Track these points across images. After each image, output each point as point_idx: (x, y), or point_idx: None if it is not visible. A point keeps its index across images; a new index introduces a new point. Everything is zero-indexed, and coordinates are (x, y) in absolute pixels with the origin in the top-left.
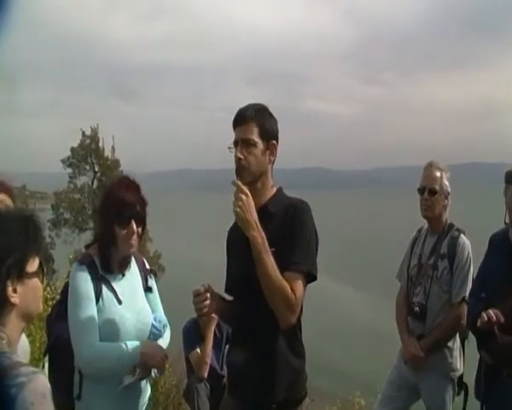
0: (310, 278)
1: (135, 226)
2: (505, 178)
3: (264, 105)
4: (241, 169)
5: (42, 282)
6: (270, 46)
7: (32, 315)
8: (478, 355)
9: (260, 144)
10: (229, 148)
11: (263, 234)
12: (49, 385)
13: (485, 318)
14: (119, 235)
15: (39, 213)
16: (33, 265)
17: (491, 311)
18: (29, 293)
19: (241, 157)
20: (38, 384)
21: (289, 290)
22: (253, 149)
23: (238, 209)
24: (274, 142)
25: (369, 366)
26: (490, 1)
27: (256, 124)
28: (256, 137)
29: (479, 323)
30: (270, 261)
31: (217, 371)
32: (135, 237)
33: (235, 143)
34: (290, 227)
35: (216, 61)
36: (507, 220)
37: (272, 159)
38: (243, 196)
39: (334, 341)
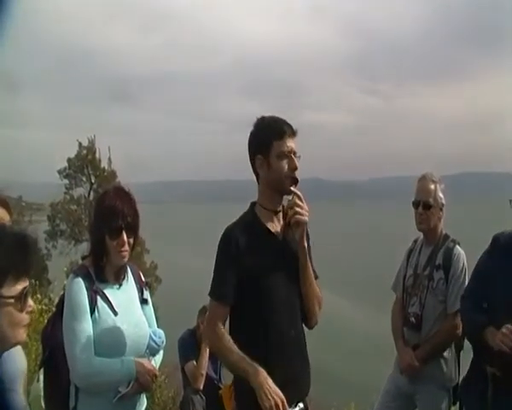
0: None
1: (125, 237)
2: None
3: None
4: (297, 181)
5: (22, 309)
6: (270, 57)
7: (9, 343)
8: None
9: None
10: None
11: None
12: None
13: (506, 344)
14: (110, 245)
15: (35, 225)
16: (11, 289)
17: (506, 331)
18: (2, 319)
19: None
20: None
21: (319, 292)
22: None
23: (306, 218)
24: None
25: (366, 375)
26: (487, 14)
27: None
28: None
29: (496, 346)
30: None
31: (214, 381)
32: (126, 247)
33: (291, 152)
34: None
35: (216, 71)
36: None
37: None
38: (305, 206)
39: (330, 351)
